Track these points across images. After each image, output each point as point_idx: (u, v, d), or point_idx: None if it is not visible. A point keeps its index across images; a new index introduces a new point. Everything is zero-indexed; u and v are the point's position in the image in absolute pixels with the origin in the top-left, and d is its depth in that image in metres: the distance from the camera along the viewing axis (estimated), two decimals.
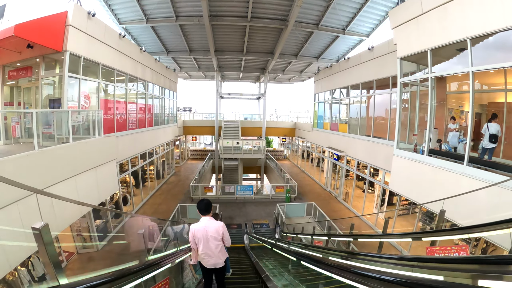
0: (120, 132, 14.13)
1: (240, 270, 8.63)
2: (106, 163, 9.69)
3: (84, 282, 1.69)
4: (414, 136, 10.64)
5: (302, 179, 25.36)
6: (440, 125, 9.95)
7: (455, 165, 7.87)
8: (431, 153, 8.97)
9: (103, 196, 10.04)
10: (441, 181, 8.32)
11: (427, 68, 9.01)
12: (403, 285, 1.55)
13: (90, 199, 8.84)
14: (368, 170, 15.85)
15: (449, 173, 7.97)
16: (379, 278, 1.71)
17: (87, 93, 11.59)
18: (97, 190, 9.17)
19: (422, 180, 9.19)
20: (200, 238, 4.03)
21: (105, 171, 9.68)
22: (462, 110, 10.23)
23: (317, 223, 14.50)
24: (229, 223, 16.40)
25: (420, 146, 9.55)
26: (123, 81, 14.78)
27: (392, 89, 13.45)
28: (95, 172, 8.92)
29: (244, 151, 25.16)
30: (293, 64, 25.27)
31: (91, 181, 8.71)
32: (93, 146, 9.04)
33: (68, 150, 7.51)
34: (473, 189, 6.93)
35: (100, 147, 9.49)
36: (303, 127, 29.41)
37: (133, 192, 16.24)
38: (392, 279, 1.62)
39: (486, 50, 7.43)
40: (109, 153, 10.07)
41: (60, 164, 7.02)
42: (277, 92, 57.74)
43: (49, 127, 7.86)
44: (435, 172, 8.54)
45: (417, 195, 9.54)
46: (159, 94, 21.10)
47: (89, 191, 8.68)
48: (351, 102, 18.69)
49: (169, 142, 24.02)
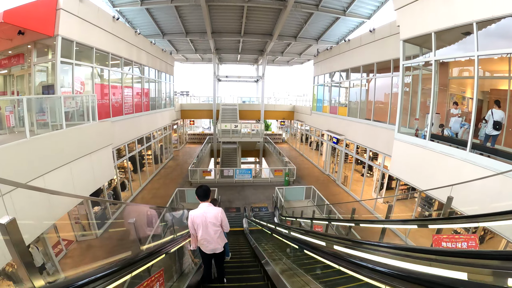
0: (116, 117, 13.91)
1: (239, 254, 8.65)
2: (101, 148, 9.46)
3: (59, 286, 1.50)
4: (415, 120, 10.47)
5: (301, 162, 25.31)
6: (442, 111, 9.78)
7: (458, 151, 7.75)
8: (433, 138, 8.83)
9: (99, 183, 9.85)
10: (443, 166, 8.21)
11: (430, 51, 8.77)
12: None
13: (86, 186, 8.69)
14: (367, 154, 15.75)
15: (451, 159, 7.86)
16: (396, 275, 1.53)
17: (81, 78, 11.32)
18: (93, 176, 8.99)
19: (423, 165, 9.09)
20: (199, 224, 4.07)
21: (100, 157, 9.47)
22: (464, 96, 10.05)
23: (316, 207, 14.47)
24: (228, 206, 16.41)
25: (422, 130, 9.40)
26: (118, 65, 14.47)
27: (394, 73, 13.19)
28: (90, 158, 8.72)
29: (243, 134, 24.91)
30: (292, 46, 24.75)
31: (86, 167, 8.53)
32: (87, 131, 8.81)
33: (61, 137, 7.30)
34: (475, 175, 6.89)
35: (95, 132, 9.27)
36: (302, 110, 29.15)
37: (131, 177, 16.14)
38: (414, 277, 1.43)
39: (489, 37, 7.19)
40: (104, 139, 9.82)
41: (54, 151, 6.84)
42: (276, 75, 57.36)
43: (43, 114, 7.63)
44: (437, 158, 8.42)
45: (417, 180, 9.47)
46: (155, 78, 20.74)
47: (85, 177, 8.51)
48: (351, 85, 18.43)
49: (166, 126, 23.80)
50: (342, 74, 19.81)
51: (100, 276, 1.70)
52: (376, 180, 15.48)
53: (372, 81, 15.59)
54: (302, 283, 3.69)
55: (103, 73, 13.18)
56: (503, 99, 7.66)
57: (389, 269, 1.58)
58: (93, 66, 11.83)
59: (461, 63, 9.55)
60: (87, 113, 9.07)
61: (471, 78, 8.31)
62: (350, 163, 18.29)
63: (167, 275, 3.94)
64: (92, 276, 1.62)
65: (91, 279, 1.60)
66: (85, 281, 1.55)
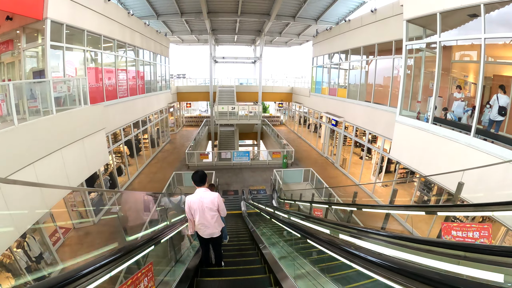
0: (110, 100, 13.61)
1: (237, 237, 8.61)
2: (94, 133, 9.17)
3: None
4: (417, 103, 10.24)
5: (299, 144, 25.20)
6: (443, 95, 9.52)
7: (461, 136, 7.55)
8: (436, 121, 8.64)
9: (93, 168, 9.60)
10: (445, 151, 8.05)
11: (434, 33, 8.43)
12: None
13: (79, 172, 8.46)
14: (366, 137, 15.59)
15: (454, 144, 7.68)
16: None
17: (73, 62, 10.99)
18: (86, 162, 8.75)
19: (424, 149, 8.93)
20: (196, 209, 4.10)
21: (93, 141, 9.20)
22: (466, 81, 9.79)
23: (315, 190, 14.43)
24: (226, 189, 16.40)
25: (424, 114, 9.19)
26: (111, 48, 14.02)
27: (395, 55, 12.86)
28: (83, 143, 8.46)
29: (240, 117, 24.52)
30: (290, 26, 24.08)
31: (78, 153, 8.28)
32: (78, 116, 8.51)
33: (51, 122, 7.03)
34: (479, 161, 6.74)
35: (86, 116, 8.97)
36: (301, 92, 28.75)
37: (128, 162, 15.97)
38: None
39: (492, 23, 6.91)
40: (96, 123, 9.51)
41: (43, 138, 6.59)
42: (273, 57, 56.34)
43: (35, 101, 7.40)
44: (439, 142, 8.24)
45: (418, 164, 9.33)
46: (150, 60, 20.26)
47: (77, 164, 8.27)
48: (351, 67, 18.02)
49: (162, 109, 23.48)
50: (342, 55, 19.34)
51: (99, 266, 1.63)
52: (375, 163, 15.39)
53: (372, 63, 15.24)
54: (300, 268, 3.64)
55: (96, 57, 12.79)
56: (506, 86, 7.44)
57: (389, 262, 1.42)
58: (85, 49, 11.46)
59: (464, 48, 9.25)
60: (78, 97, 8.77)
61: (476, 62, 8.08)
62: (349, 146, 18.20)
63: (165, 260, 3.99)
64: (91, 266, 1.56)
65: (92, 268, 1.55)
66: (87, 271, 1.51)
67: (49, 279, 1.32)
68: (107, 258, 1.78)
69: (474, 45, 7.46)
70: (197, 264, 4.80)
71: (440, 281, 1.11)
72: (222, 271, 4.86)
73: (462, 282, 1.11)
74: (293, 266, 3.69)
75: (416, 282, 1.20)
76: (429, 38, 9.39)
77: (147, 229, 5.29)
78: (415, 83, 10.52)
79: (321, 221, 3.45)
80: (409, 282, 1.24)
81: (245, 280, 4.28)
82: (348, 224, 2.74)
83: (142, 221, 5.68)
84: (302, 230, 2.83)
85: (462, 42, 8.72)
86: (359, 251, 1.72)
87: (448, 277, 1.12)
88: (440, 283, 1.10)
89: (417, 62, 10.40)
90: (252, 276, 4.51)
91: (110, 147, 13.37)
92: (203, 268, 4.87)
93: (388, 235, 2.20)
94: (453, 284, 1.07)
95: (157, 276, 3.33)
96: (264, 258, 5.04)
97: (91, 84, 12.16)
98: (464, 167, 4.44)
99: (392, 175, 14.53)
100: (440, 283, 1.10)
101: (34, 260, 7.80)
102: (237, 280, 4.22)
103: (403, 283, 1.27)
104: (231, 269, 4.90)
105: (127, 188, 15.00)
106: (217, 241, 4.54)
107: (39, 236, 8.24)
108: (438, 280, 1.12)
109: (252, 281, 4.27)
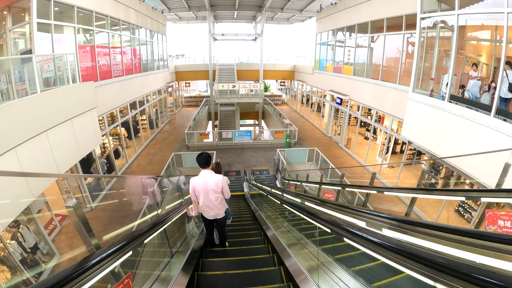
0: (104, 80, 13.02)
1: (240, 221, 8.28)
2: (84, 113, 8.53)
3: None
4: (431, 80, 9.60)
5: (302, 124, 24.63)
6: (457, 74, 8.92)
7: (480, 115, 7.01)
8: (453, 99, 8.04)
9: (84, 151, 8.96)
10: (462, 131, 7.54)
11: (449, 8, 7.82)
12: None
13: (68, 155, 7.91)
14: (373, 116, 14.98)
15: (472, 124, 7.15)
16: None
17: (62, 41, 10.31)
18: (76, 144, 8.16)
19: (439, 129, 8.38)
20: (200, 191, 4.13)
21: (83, 122, 8.59)
22: (479, 61, 9.12)
23: (320, 170, 13.92)
24: (228, 170, 15.99)
25: (439, 92, 8.58)
26: (104, 25, 13.27)
27: (405, 31, 12.08)
28: (72, 124, 7.85)
29: (241, 95, 23.77)
30: (292, 1, 23.05)
31: (67, 135, 7.70)
32: (65, 95, 7.82)
33: (35, 102, 6.44)
34: (500, 144, 6.22)
35: (75, 95, 8.28)
36: (303, 70, 27.83)
37: (126, 144, 15.48)
38: None
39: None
40: (86, 102, 8.84)
41: (26, 119, 6.00)
42: (274, 36, 53.86)
43: (23, 83, 6.86)
44: (456, 121, 7.70)
45: (432, 145, 8.80)
46: (146, 38, 19.43)
47: (66, 147, 7.72)
48: (358, 43, 17.05)
49: (160, 89, 22.85)
50: (347, 32, 18.32)
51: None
52: (382, 144, 14.86)
53: (381, 39, 14.37)
54: (302, 248, 3.57)
55: (88, 34, 12.12)
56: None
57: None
58: (75, 26, 10.76)
59: (477, 28, 8.50)
60: (66, 75, 8.12)
61: (491, 41, 7.44)
62: (353, 126, 17.63)
63: (171, 241, 3.88)
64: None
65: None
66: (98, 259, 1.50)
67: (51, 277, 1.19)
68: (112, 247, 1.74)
69: (487, 26, 6.90)
70: (202, 245, 4.88)
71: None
72: (226, 251, 4.96)
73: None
74: (300, 250, 3.58)
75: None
76: (446, 12, 8.64)
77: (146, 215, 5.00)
78: (427, 60, 9.85)
79: (355, 211, 2.89)
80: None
81: (249, 260, 4.30)
82: (397, 217, 2.16)
83: (140, 206, 5.33)
84: (335, 224, 2.22)
85: (480, 19, 7.96)
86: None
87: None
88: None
89: (430, 38, 9.67)
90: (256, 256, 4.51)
91: (106, 129, 12.86)
92: (208, 249, 5.01)
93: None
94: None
95: (164, 258, 3.38)
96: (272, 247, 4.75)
97: (83, 63, 11.52)
98: (484, 149, 3.90)
99: (397, 156, 14.08)
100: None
101: (29, 251, 7.44)
102: (241, 260, 4.26)
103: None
104: (235, 249, 4.97)
105: (125, 171, 14.56)
106: (221, 222, 4.60)
107: (34, 225, 7.85)
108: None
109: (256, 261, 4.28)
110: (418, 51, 9.42)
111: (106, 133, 12.94)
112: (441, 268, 1.05)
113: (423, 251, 1.19)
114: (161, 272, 3.10)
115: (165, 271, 3.19)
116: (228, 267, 4.10)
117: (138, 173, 14.32)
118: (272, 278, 3.64)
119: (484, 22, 7.84)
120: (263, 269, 3.89)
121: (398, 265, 1.31)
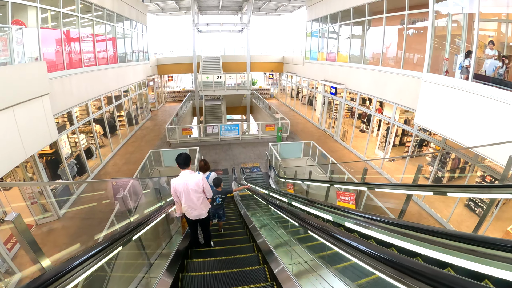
0: (73, 69, 11.40)
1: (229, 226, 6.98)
2: (30, 99, 6.91)
3: None
4: (445, 60, 8.43)
5: (293, 117, 23.39)
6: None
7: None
8: (476, 78, 6.86)
9: (31, 149, 7.20)
10: (490, 115, 6.40)
11: None
12: None
13: (8, 154, 6.31)
14: (374, 106, 13.77)
15: (502, 105, 6.06)
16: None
17: (21, 22, 8.72)
18: (20, 140, 6.54)
19: (462, 114, 7.19)
20: (181, 191, 4.11)
21: (31, 111, 7.02)
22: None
23: (319, 166, 12.55)
24: (214, 168, 14.46)
25: (459, 68, 7.40)
26: (74, 10, 11.73)
27: (408, 11, 10.89)
28: (13, 113, 6.28)
29: (227, 87, 22.22)
30: None
31: (7, 127, 6.17)
32: (2, 76, 6.17)
33: None
34: None
35: (17, 76, 6.63)
36: (293, 61, 26.46)
37: (101, 142, 13.90)
38: None
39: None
40: (34, 85, 7.18)
41: None
42: (262, 28, 51.93)
43: None
44: (481, 104, 6.54)
45: (454, 133, 7.58)
46: (123, 26, 17.77)
47: (6, 142, 6.19)
48: (353, 31, 15.71)
49: (140, 82, 21.17)
50: (342, 17, 16.97)
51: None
52: (382, 136, 13.67)
53: (380, 22, 13.03)
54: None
55: (54, 16, 10.54)
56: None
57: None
58: (38, 6, 9.16)
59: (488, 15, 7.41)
60: (11, 53, 6.54)
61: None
62: (348, 118, 16.46)
63: (156, 243, 3.94)
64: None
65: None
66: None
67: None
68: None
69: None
70: (187, 246, 4.79)
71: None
72: (212, 251, 4.88)
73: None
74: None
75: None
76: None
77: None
78: (439, 41, 8.71)
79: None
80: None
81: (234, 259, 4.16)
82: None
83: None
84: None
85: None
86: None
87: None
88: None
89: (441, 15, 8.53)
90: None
91: (75, 125, 11.27)
92: (193, 249, 4.91)
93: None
94: None
95: (148, 260, 3.23)
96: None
97: (47, 47, 9.95)
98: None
99: (397, 148, 12.99)
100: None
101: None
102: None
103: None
104: (220, 249, 4.86)
105: (99, 173, 12.93)
106: (205, 222, 4.61)
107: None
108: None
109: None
110: (432, 26, 8.19)
111: (75, 129, 11.35)
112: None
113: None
114: (144, 275, 3.01)
115: (147, 274, 3.08)
116: (213, 267, 3.97)
117: (114, 174, 12.73)
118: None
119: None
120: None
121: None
